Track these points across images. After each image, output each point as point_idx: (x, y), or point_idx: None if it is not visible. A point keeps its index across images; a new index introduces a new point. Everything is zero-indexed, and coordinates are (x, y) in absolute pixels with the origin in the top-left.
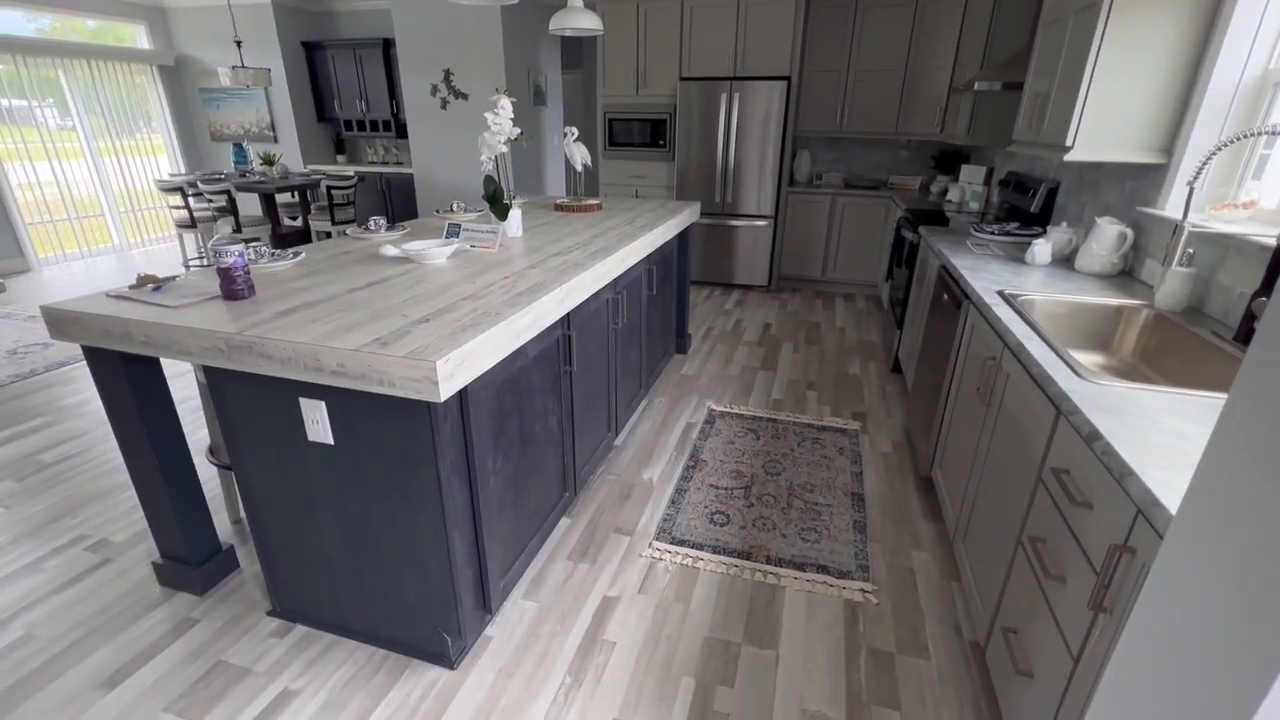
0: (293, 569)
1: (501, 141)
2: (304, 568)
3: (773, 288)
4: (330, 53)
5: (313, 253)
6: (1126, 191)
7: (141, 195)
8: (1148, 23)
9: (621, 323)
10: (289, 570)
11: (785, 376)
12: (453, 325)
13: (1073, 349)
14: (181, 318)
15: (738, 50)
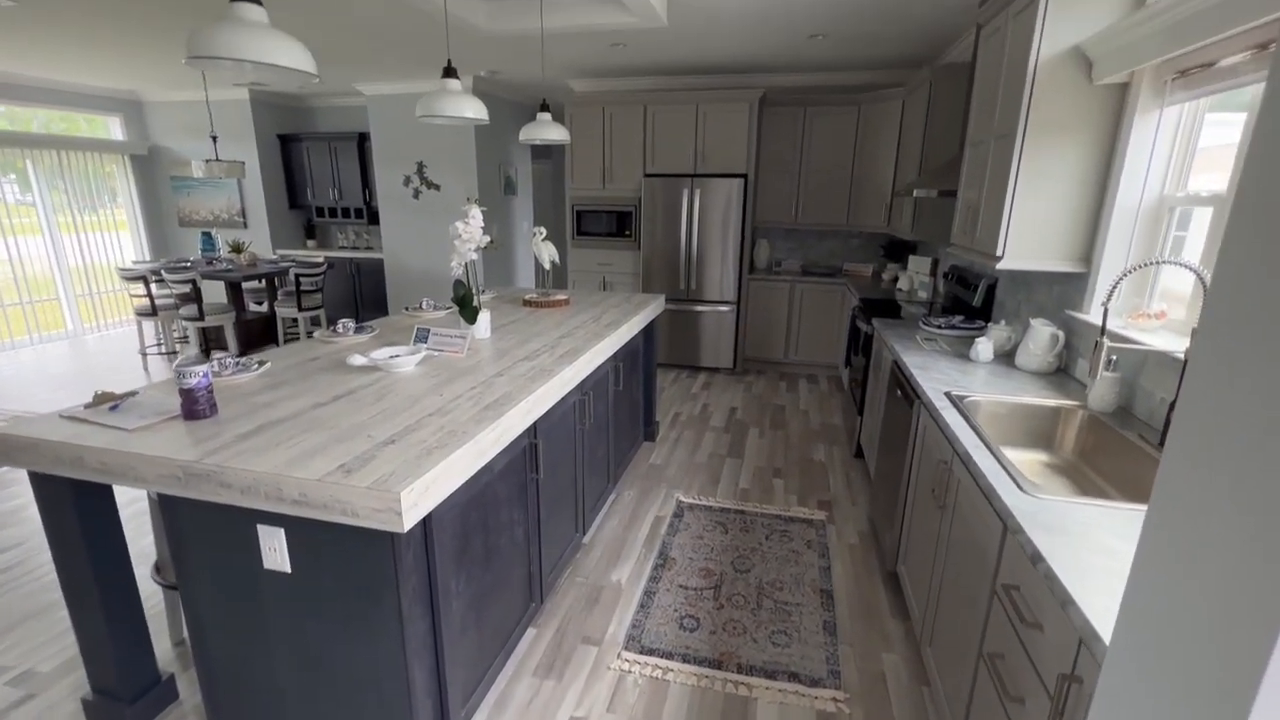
0: (239, 701)
1: (472, 249)
2: (252, 700)
3: (738, 370)
4: (305, 145)
5: (279, 359)
6: (1055, 294)
7: (100, 274)
8: (1057, 150)
9: (589, 423)
10: (235, 702)
11: (752, 463)
12: (418, 447)
13: (1017, 448)
14: (139, 442)
15: (697, 150)
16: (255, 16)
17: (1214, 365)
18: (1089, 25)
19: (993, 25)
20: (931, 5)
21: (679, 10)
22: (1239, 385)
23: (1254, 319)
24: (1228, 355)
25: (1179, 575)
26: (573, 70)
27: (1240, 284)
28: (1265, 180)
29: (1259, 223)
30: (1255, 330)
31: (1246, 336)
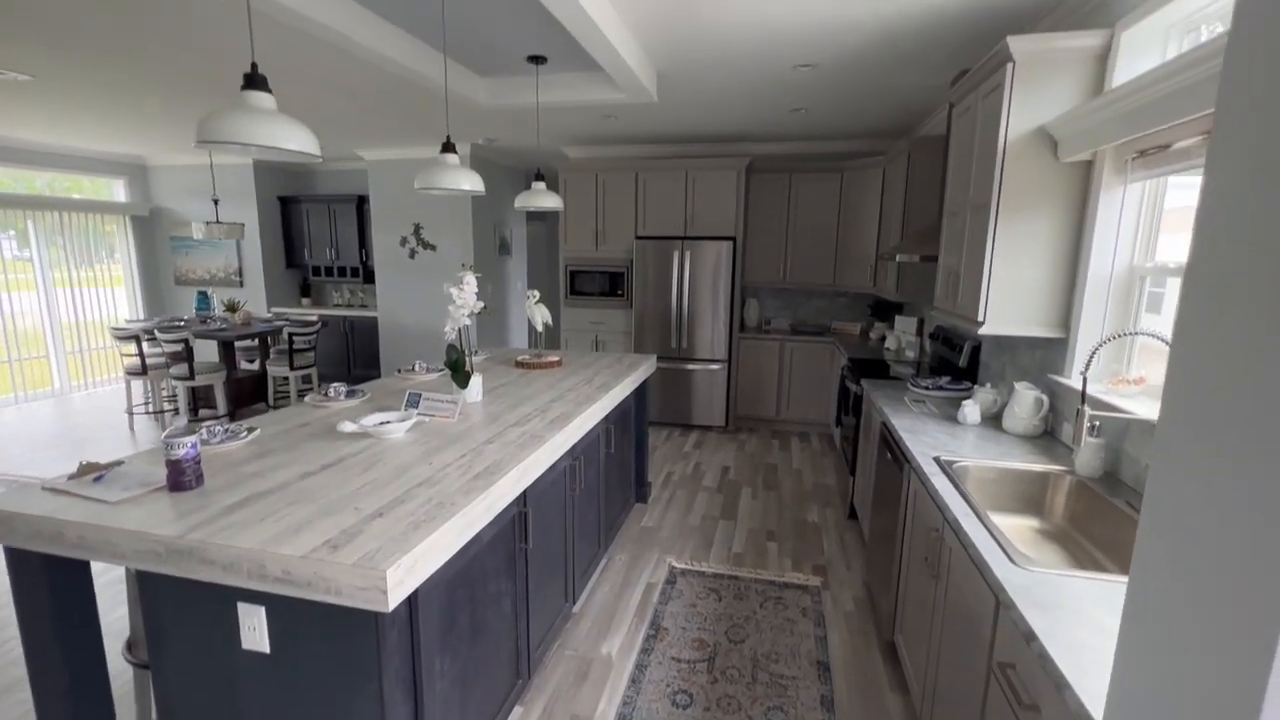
0: None
1: (465, 315)
2: None
3: (730, 428)
4: (305, 206)
5: (268, 426)
6: (1037, 358)
7: (93, 330)
8: (1030, 222)
9: (579, 488)
10: None
11: (745, 526)
12: (406, 521)
13: (1007, 513)
14: (120, 516)
15: (687, 213)
16: (265, 104)
17: (1180, 441)
18: (1052, 108)
19: (964, 104)
20: (905, 85)
21: (667, 88)
22: (1201, 465)
23: (1211, 401)
24: (1192, 428)
25: (1162, 669)
26: (567, 138)
27: (1197, 366)
28: (1210, 260)
29: (1209, 301)
30: (1213, 411)
31: (1206, 415)
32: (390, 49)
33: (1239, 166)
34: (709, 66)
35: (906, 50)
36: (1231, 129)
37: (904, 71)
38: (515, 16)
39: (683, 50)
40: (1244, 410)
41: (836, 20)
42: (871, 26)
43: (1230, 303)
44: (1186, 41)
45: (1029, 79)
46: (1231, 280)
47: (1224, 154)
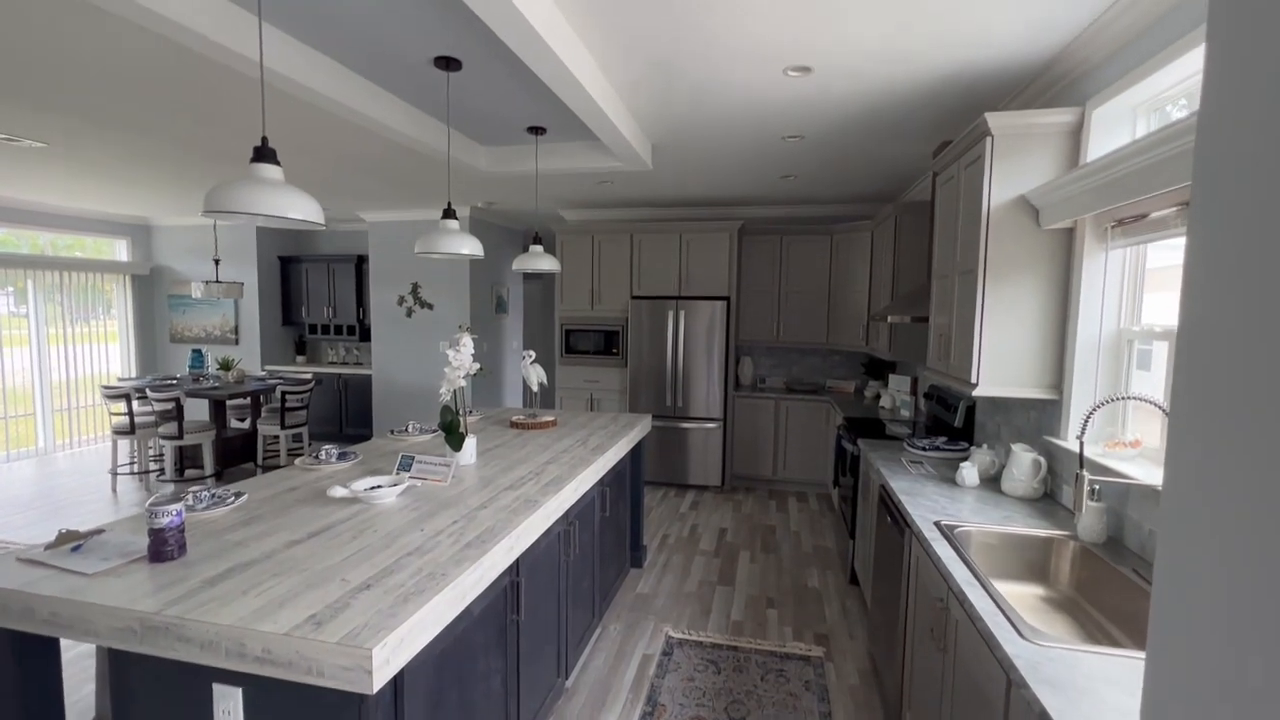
0: None
1: (461, 376)
2: None
3: (726, 488)
4: (305, 266)
5: (256, 490)
6: (1032, 419)
7: (83, 386)
8: (1017, 286)
9: (573, 555)
10: None
11: (744, 592)
12: (395, 593)
13: (1012, 580)
14: (97, 590)
15: (681, 274)
16: (272, 175)
17: (1183, 521)
18: (1031, 179)
19: (947, 173)
20: (889, 154)
21: (662, 156)
22: (1210, 544)
23: (1213, 468)
24: (1195, 499)
25: None
26: (564, 202)
27: (1196, 431)
28: (1198, 329)
29: (1201, 372)
30: (1220, 476)
31: (1212, 479)
32: (396, 121)
33: (1220, 234)
34: (701, 138)
35: (889, 122)
36: (1207, 199)
37: (887, 142)
38: (519, 93)
39: (676, 123)
40: (1247, 474)
41: (822, 97)
42: (855, 101)
43: (1223, 364)
44: (1154, 119)
45: (1008, 152)
46: (1221, 340)
47: (1203, 221)
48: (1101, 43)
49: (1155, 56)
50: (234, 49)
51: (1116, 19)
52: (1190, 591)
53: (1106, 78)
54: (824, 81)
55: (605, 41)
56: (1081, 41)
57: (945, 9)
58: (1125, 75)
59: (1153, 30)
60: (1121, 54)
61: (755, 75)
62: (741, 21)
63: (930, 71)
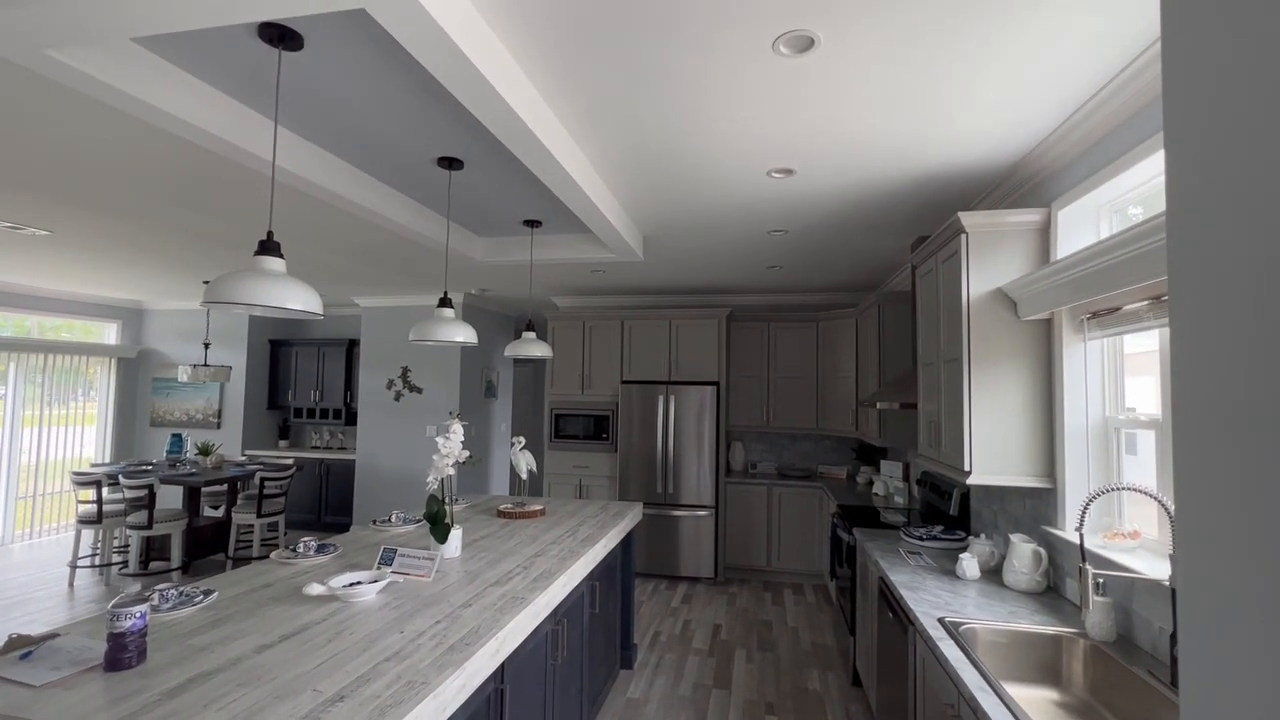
0: None
1: (450, 465)
2: None
3: (719, 579)
4: (295, 350)
5: (227, 587)
6: (1028, 508)
7: (52, 471)
8: (1002, 375)
9: (561, 656)
10: None
11: (741, 696)
12: (370, 706)
13: (1023, 684)
14: (41, 705)
15: (671, 360)
16: (275, 268)
17: (1202, 614)
18: (1007, 272)
19: (925, 267)
20: (869, 246)
21: (653, 248)
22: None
23: (1227, 560)
24: (1212, 596)
25: None
26: (556, 289)
27: (1203, 524)
28: (1190, 414)
29: (1199, 460)
30: (1235, 571)
31: (1226, 579)
32: (398, 214)
33: (1199, 325)
34: (691, 232)
35: (868, 218)
36: (1183, 290)
37: (868, 236)
38: (517, 190)
39: (667, 218)
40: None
41: (804, 196)
42: (836, 199)
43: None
44: (1116, 220)
45: (982, 247)
46: (1213, 431)
47: (1182, 313)
48: (1066, 146)
49: (1115, 162)
50: (244, 147)
51: (1079, 124)
52: (1219, 698)
53: (1072, 179)
54: (806, 182)
55: (596, 140)
56: (1048, 144)
57: (926, 112)
58: (1088, 178)
59: (1112, 136)
60: (1085, 158)
61: (741, 176)
62: (726, 129)
63: (907, 172)
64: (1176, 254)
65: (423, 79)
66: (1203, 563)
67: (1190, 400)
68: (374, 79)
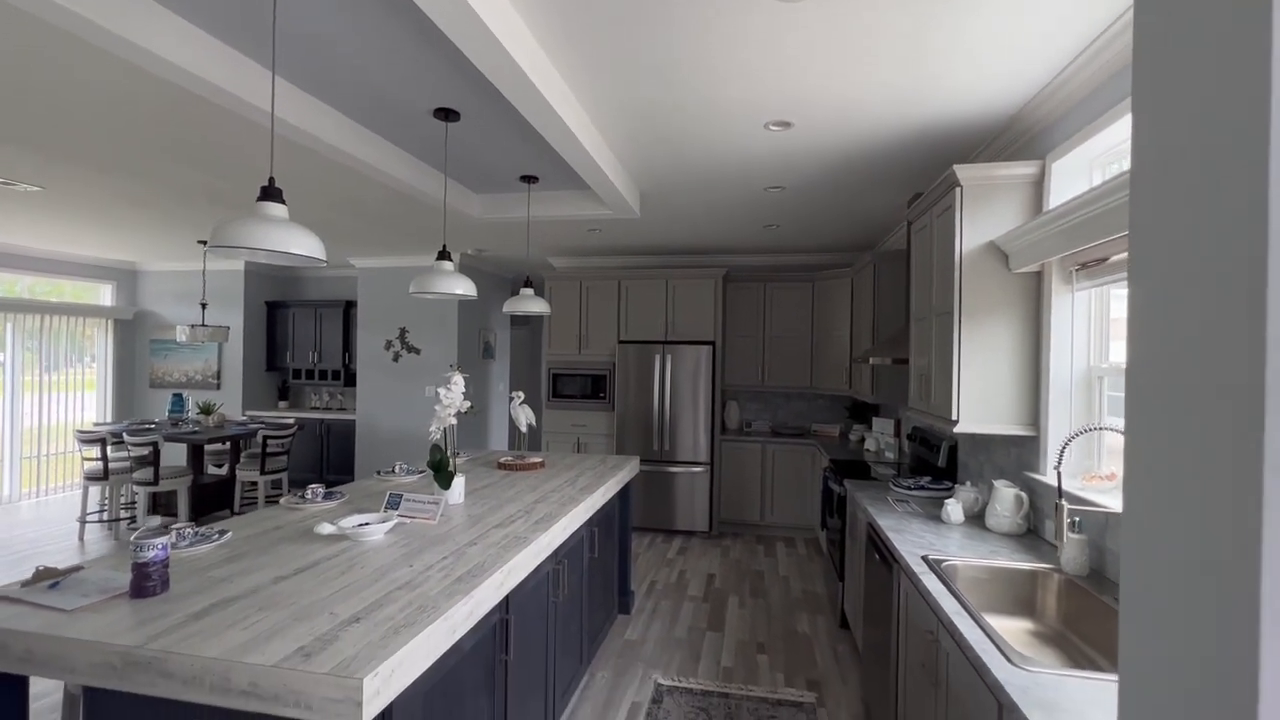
0: None
1: (451, 415)
2: None
3: (714, 533)
4: (292, 311)
5: (240, 529)
6: (1013, 456)
7: (55, 434)
8: (992, 327)
9: (562, 595)
10: None
11: (734, 637)
12: (385, 626)
13: (1000, 615)
14: (75, 626)
15: (668, 320)
16: (278, 214)
17: (1141, 528)
18: (999, 225)
19: (921, 222)
20: (865, 204)
21: (650, 205)
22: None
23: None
24: (1152, 516)
25: None
26: (553, 249)
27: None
28: (1144, 356)
29: (1147, 395)
30: (1167, 495)
31: (1163, 503)
32: (395, 168)
33: (1156, 278)
34: (687, 188)
35: (865, 173)
36: (1143, 245)
37: (864, 192)
38: (514, 143)
39: (663, 173)
40: (1195, 497)
41: (801, 150)
42: (833, 154)
43: (1167, 396)
44: (1109, 170)
45: (976, 201)
46: (1165, 378)
47: (1141, 267)
48: (1061, 99)
49: (1107, 113)
50: (241, 96)
51: (1074, 76)
52: (1153, 605)
53: (1065, 131)
54: (804, 135)
55: (595, 92)
56: (1043, 97)
57: (922, 65)
58: (1081, 130)
59: (1105, 88)
60: (1078, 109)
61: (739, 129)
62: (725, 80)
63: (904, 126)
64: (1136, 214)
65: (420, 22)
66: (1143, 486)
67: (1144, 346)
68: (371, 21)
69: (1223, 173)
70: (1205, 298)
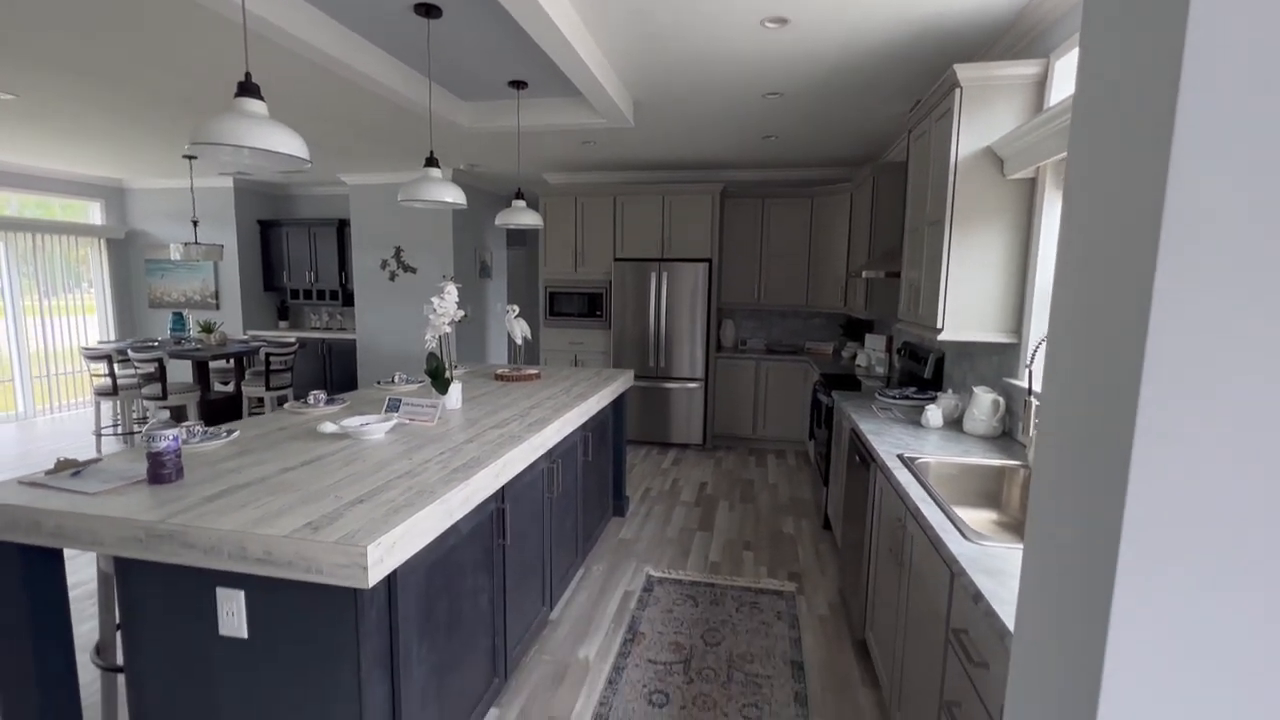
0: None
1: (446, 323)
2: None
3: (707, 446)
4: (285, 230)
5: (247, 429)
6: (994, 364)
7: (61, 357)
8: (982, 235)
9: (557, 491)
10: None
11: (722, 537)
12: (386, 506)
13: (967, 507)
14: (100, 505)
15: (664, 237)
16: (257, 109)
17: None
18: (998, 129)
19: (920, 128)
20: (866, 113)
21: (644, 114)
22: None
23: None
24: (1060, 405)
25: (1047, 580)
26: (546, 165)
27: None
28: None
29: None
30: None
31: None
32: (375, 70)
33: (1085, 198)
34: (683, 95)
35: (866, 77)
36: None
37: (865, 98)
38: (500, 44)
39: (657, 77)
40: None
41: (799, 51)
42: (832, 54)
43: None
44: None
45: (975, 103)
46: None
47: (1075, 187)
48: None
49: None
50: None
51: None
52: (1054, 490)
53: (1070, 27)
54: (801, 34)
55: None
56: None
57: None
58: None
59: None
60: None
61: (734, 25)
62: None
63: (905, 23)
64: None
65: None
66: (1053, 383)
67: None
68: None
69: None
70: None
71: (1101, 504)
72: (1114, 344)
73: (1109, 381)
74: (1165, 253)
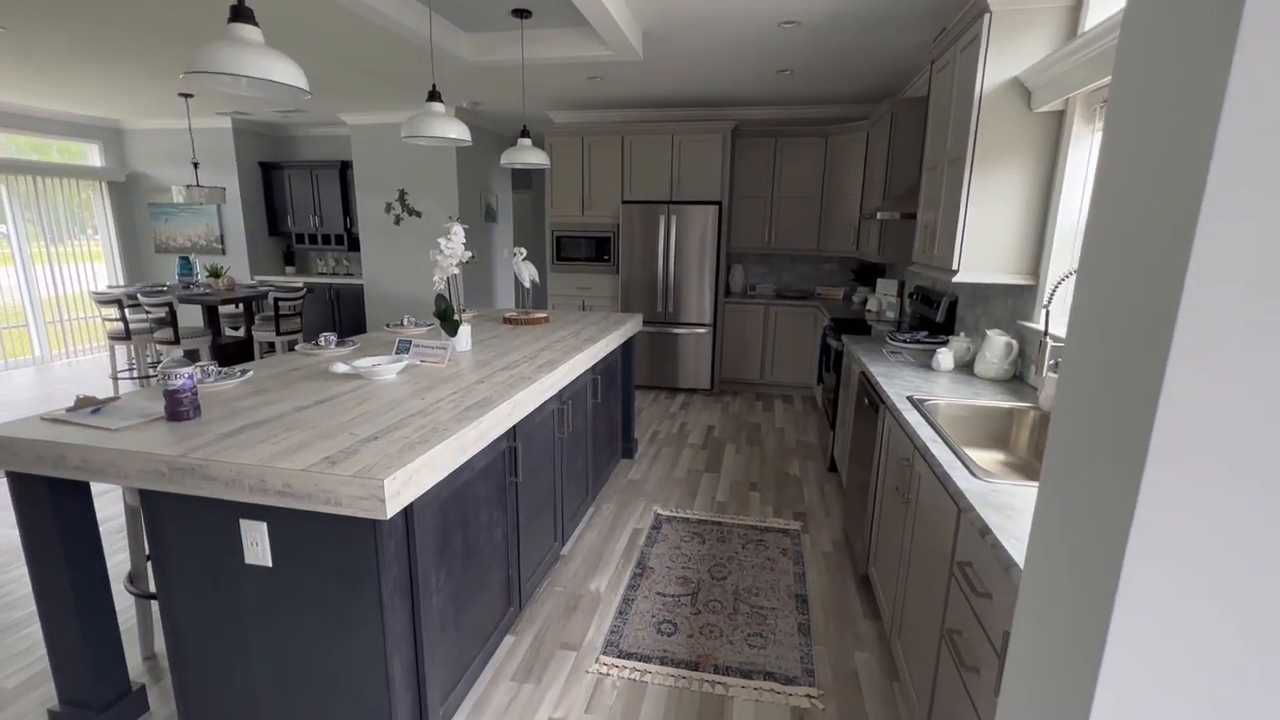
0: (213, 708)
1: (454, 265)
2: (229, 704)
3: (715, 391)
4: (287, 172)
5: (261, 370)
6: (1009, 306)
7: (72, 303)
8: (1003, 172)
9: (567, 432)
10: (209, 710)
11: (729, 478)
12: (401, 442)
13: (976, 448)
14: (122, 441)
15: (673, 178)
16: (252, 36)
17: (1077, 375)
18: (1026, 59)
19: (944, 60)
20: (886, 42)
21: (653, 46)
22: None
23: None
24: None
25: (1062, 523)
26: (552, 102)
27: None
28: (1105, 203)
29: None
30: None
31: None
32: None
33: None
34: (694, 23)
35: (889, 2)
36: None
37: (886, 26)
38: None
39: (668, 5)
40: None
41: None
42: None
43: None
44: None
45: (1004, 30)
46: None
47: (1120, 117)
48: None
49: None
50: None
51: None
52: (1071, 430)
53: None
54: None
55: None
56: None
57: None
58: None
59: None
60: None
61: None
62: None
63: None
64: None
65: None
66: (1081, 320)
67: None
68: None
69: None
70: None
71: (1128, 432)
72: (1154, 264)
73: (1149, 303)
74: (1216, 170)
